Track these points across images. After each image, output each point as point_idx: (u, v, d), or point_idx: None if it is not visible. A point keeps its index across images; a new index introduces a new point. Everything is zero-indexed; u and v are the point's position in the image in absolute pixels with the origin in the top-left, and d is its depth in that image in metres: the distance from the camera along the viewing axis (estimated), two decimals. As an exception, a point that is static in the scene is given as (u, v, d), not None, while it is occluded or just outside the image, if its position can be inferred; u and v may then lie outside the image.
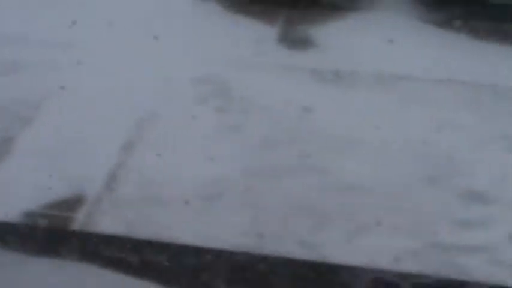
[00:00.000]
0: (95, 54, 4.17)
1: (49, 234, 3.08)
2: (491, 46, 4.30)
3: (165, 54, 4.19)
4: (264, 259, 3.00)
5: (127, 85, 3.94)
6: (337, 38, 4.38)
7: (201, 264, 2.98)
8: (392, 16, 4.48)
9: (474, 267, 2.93)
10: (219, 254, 3.01)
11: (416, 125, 3.72)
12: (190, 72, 4.05)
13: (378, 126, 3.66)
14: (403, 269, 2.96)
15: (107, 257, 2.98)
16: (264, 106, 3.83)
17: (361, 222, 3.16)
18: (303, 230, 3.14)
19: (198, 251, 3.01)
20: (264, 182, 3.33)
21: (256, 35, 4.40)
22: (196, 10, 4.60)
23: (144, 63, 4.10)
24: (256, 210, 3.21)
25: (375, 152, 3.55)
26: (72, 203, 3.18)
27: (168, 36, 4.31)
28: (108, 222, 3.14)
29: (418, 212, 3.20)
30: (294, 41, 4.36)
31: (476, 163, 3.43)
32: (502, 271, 2.92)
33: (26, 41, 4.33)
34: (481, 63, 4.11)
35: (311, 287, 2.95)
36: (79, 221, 3.13)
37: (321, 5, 4.59)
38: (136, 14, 4.51)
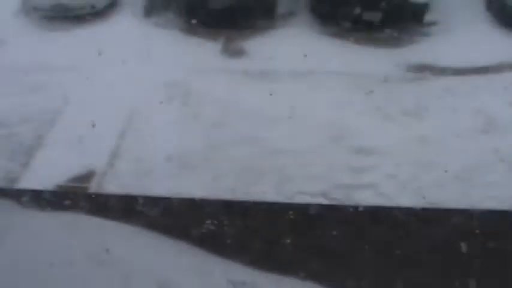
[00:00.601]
0: (95, 76, 4.58)
1: (73, 196, 3.46)
2: (368, 49, 4.92)
3: (144, 67, 4.67)
4: (220, 203, 3.40)
5: (118, 93, 4.38)
6: (262, 48, 4.94)
7: (179, 211, 3.32)
8: (301, 31, 5.09)
9: (365, 198, 3.53)
10: (192, 202, 3.38)
11: (321, 104, 4.22)
12: (161, 79, 4.51)
13: (293, 106, 4.15)
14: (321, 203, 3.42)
15: (113, 209, 3.32)
16: (214, 99, 4.29)
17: (286, 175, 3.69)
18: (247, 184, 3.63)
19: (178, 202, 3.39)
20: (218, 152, 3.85)
21: (205, 49, 4.93)
22: (161, 34, 5.16)
23: (129, 76, 4.54)
24: (214, 172, 3.71)
25: (293, 125, 4.02)
26: (87, 177, 3.76)
27: (142, 55, 4.76)
28: (112, 187, 3.66)
29: (325, 164, 3.75)
30: (231, 52, 4.88)
31: (363, 128, 4.03)
32: (383, 200, 3.54)
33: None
34: (363, 60, 4.74)
35: (259, 219, 3.26)
36: (92, 188, 3.67)
37: (251, 26, 5.12)
38: (120, 41, 4.98)
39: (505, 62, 4.69)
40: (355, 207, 3.39)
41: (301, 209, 3.40)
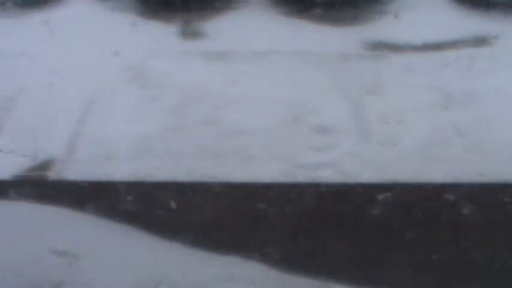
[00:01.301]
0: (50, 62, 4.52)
1: (32, 184, 3.48)
2: (326, 27, 4.93)
3: (100, 52, 4.62)
4: (181, 185, 3.45)
5: (75, 78, 4.35)
6: (220, 29, 4.91)
7: (138, 196, 3.36)
8: (259, 11, 5.09)
9: (327, 176, 3.52)
10: (155, 185, 3.45)
11: (281, 84, 4.22)
12: (119, 63, 4.49)
13: (253, 87, 4.16)
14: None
15: (70, 196, 3.34)
16: (173, 81, 4.26)
17: (248, 156, 3.68)
18: (209, 164, 3.63)
19: (138, 185, 3.45)
20: (179, 135, 3.82)
21: (163, 32, 4.90)
22: (117, 18, 5.13)
23: (85, 61, 4.52)
24: (176, 155, 3.69)
25: (253, 106, 4.04)
26: (46, 165, 3.67)
27: (101, 39, 4.75)
28: (72, 174, 3.60)
29: (286, 143, 3.75)
30: (189, 34, 4.84)
31: (323, 107, 4.03)
32: (344, 177, 3.54)
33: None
34: (321, 39, 4.76)
35: (215, 199, 3.34)
36: (52, 176, 3.59)
37: (209, 8, 5.11)
38: (75, 26, 4.93)
39: (462, 39, 4.75)
40: (316, 185, 3.43)
41: (260, 189, 3.43)
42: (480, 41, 4.72)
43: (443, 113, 4.04)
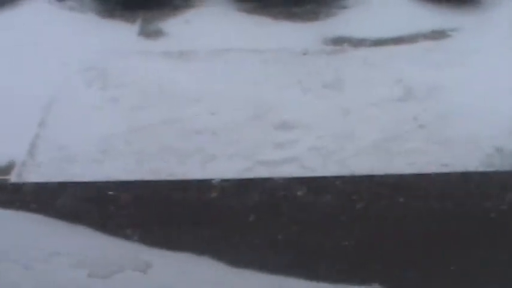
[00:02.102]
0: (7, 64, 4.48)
1: None
2: (285, 23, 4.91)
3: (59, 53, 4.56)
4: (145, 183, 3.50)
5: (34, 80, 4.31)
6: (180, 28, 4.89)
7: (105, 198, 3.41)
8: (218, 9, 5.05)
9: (289, 173, 3.57)
10: (118, 186, 3.48)
11: (242, 82, 4.23)
12: (78, 64, 4.44)
13: (214, 85, 4.18)
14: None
15: (26, 200, 3.38)
16: (133, 81, 4.26)
17: (209, 154, 3.70)
18: (172, 164, 3.64)
19: (102, 187, 3.47)
20: (140, 135, 3.83)
21: (123, 32, 4.85)
22: (76, 18, 5.08)
23: (44, 62, 4.46)
24: (138, 155, 3.70)
25: (214, 104, 4.03)
26: (6, 169, 3.66)
27: (57, 40, 4.69)
28: (33, 177, 3.59)
29: (248, 141, 3.77)
30: (149, 34, 4.81)
31: (284, 103, 4.04)
32: (306, 172, 3.59)
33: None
34: (281, 35, 4.73)
35: (174, 198, 3.40)
36: (12, 179, 3.57)
37: (168, 6, 5.08)
38: (33, 27, 4.90)
39: (420, 32, 4.78)
40: (275, 180, 3.49)
41: (228, 185, 3.48)
42: (439, 34, 4.74)
43: (403, 106, 4.06)
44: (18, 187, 3.56)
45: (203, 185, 3.52)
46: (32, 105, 4.10)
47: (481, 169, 3.59)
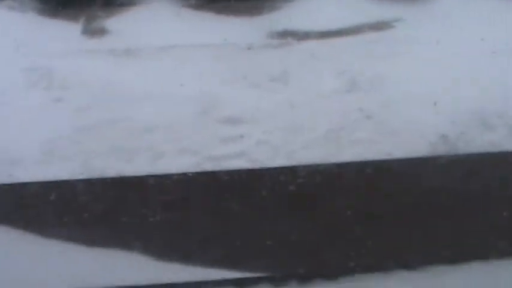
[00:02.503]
0: None
1: None
2: (230, 19, 4.91)
3: (3, 54, 4.51)
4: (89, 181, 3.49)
5: None
6: (124, 25, 4.83)
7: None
8: (162, 5, 5.01)
9: (237, 167, 3.59)
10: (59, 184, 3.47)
11: (188, 78, 4.23)
12: (20, 65, 4.37)
13: (160, 82, 4.16)
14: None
15: None
16: (79, 81, 4.19)
17: (158, 151, 3.71)
18: (121, 162, 3.64)
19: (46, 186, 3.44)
20: (87, 135, 3.80)
21: (66, 31, 4.77)
22: (16, 18, 4.98)
23: None
24: (84, 155, 3.67)
25: (161, 101, 4.03)
26: None
27: (1, 39, 4.64)
28: None
29: (196, 137, 3.77)
30: (94, 32, 4.75)
31: (230, 98, 4.05)
32: (253, 165, 3.63)
33: None
34: (226, 30, 4.72)
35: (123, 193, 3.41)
36: None
37: (111, 3, 5.03)
38: None
39: (365, 23, 4.86)
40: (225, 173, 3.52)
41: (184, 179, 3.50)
42: (382, 25, 4.81)
43: (349, 97, 4.11)
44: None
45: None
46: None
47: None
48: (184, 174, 3.56)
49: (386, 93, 4.12)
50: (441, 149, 3.73)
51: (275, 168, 3.60)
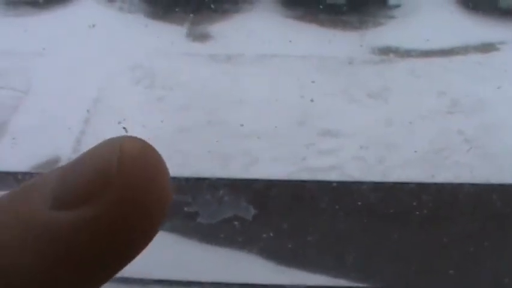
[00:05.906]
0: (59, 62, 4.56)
1: None
2: (332, 32, 4.92)
3: (107, 52, 4.60)
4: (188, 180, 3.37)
5: (82, 79, 4.38)
6: (227, 32, 4.95)
7: None
8: (266, 15, 5.09)
9: (332, 180, 3.53)
10: None
11: (287, 87, 4.25)
12: (125, 64, 4.51)
13: (259, 89, 4.20)
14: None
15: None
16: (180, 82, 4.33)
17: (253, 158, 3.73)
18: (216, 165, 3.69)
19: None
20: (185, 136, 3.86)
21: (171, 33, 4.89)
22: (125, 19, 5.17)
23: (92, 61, 4.52)
24: (183, 156, 3.68)
25: (259, 108, 4.07)
26: (52, 163, 3.70)
27: (105, 40, 4.66)
28: None
29: (291, 146, 3.80)
30: (197, 36, 4.90)
31: (328, 111, 4.08)
32: (349, 179, 3.60)
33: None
34: (328, 43, 4.70)
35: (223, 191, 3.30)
36: None
37: (216, 10, 5.05)
38: (83, 27, 4.65)
39: (470, 44, 4.76)
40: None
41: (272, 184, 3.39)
42: (487, 47, 4.71)
43: (449, 119, 4.07)
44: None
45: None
46: (79, 102, 4.20)
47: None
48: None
49: (488, 117, 4.05)
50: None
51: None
